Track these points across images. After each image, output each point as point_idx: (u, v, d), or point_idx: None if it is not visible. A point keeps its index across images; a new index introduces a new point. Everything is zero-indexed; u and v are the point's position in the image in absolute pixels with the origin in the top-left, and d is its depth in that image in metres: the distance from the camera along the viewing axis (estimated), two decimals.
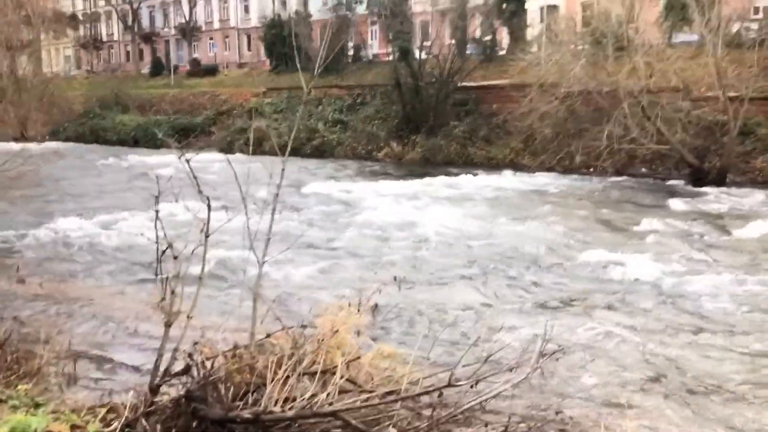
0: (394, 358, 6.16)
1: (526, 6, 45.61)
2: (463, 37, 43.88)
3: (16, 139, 36.03)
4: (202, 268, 6.26)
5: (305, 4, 63.41)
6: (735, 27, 30.66)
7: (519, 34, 45.27)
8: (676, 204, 20.18)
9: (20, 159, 15.25)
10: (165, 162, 32.42)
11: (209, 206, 6.11)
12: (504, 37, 46.75)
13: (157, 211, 6.18)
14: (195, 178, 5.93)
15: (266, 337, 6.70)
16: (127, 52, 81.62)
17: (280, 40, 54.90)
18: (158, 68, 65.11)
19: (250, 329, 6.44)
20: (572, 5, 53.28)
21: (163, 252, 6.15)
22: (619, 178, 26.68)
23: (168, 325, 6.03)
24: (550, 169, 29.58)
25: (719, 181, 24.72)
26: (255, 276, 6.48)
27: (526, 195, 22.34)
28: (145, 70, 68.26)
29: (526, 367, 5.01)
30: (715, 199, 21.10)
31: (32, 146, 28.30)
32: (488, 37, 44.98)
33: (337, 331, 6.56)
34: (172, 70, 60.14)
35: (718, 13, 24.45)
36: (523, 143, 32.21)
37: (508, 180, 25.67)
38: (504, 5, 45.10)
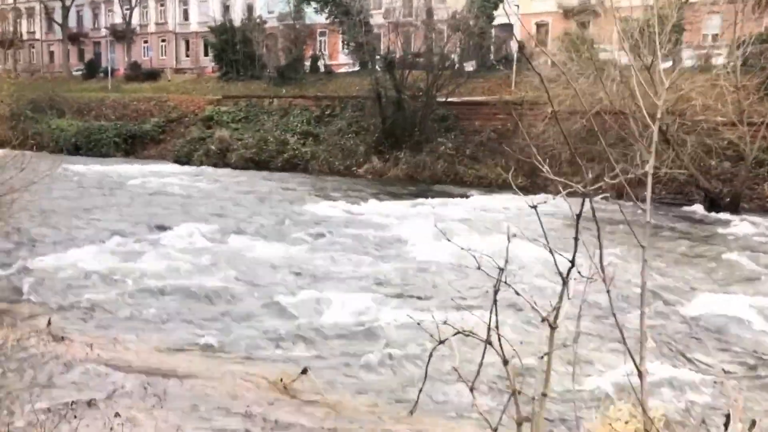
0: None
1: None
2: (430, 50, 42.35)
3: None
4: (547, 379, 4.03)
5: (250, 9, 60.57)
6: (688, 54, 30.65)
7: (487, 51, 44.38)
8: (723, 233, 19.03)
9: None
10: (130, 173, 29.20)
11: (566, 280, 3.88)
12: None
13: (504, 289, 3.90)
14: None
15: None
16: (51, 53, 75.88)
17: (231, 47, 51.84)
18: (92, 71, 60.46)
19: None
20: (527, 24, 53.23)
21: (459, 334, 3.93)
22: (627, 203, 25.52)
23: None
24: (544, 190, 28.25)
25: (733, 208, 24.01)
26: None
27: (559, 220, 20.68)
28: (76, 72, 63.31)
29: None
30: (753, 227, 20.13)
31: None
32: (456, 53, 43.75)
33: None
34: (109, 72, 55.71)
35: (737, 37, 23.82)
36: (515, 163, 30.82)
37: (521, 202, 24.00)
38: (472, 22, 43.98)
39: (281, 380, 7.48)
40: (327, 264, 13.36)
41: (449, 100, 34.05)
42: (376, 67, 41.43)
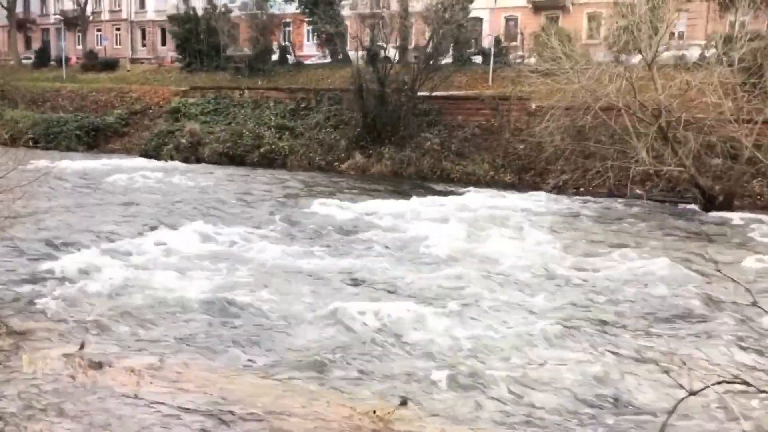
0: None
1: None
2: (405, 44, 41.44)
3: None
4: None
5: None
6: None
7: (463, 45, 43.61)
8: (735, 233, 18.71)
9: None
10: (103, 169, 27.35)
11: None
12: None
13: None
14: None
15: None
16: None
17: (194, 36, 49.85)
18: (43, 59, 57.49)
19: None
20: (496, 19, 53.02)
21: None
22: (621, 200, 25.21)
23: None
24: (534, 187, 27.83)
25: (727, 206, 23.93)
26: None
27: (570, 219, 20.12)
28: (24, 60, 60.16)
29: None
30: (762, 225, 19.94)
31: None
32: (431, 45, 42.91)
33: None
34: (64, 61, 53.00)
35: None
36: (502, 160, 30.26)
37: (520, 200, 23.36)
38: (447, 14, 43.20)
39: (374, 412, 6.43)
40: (363, 270, 12.29)
41: (434, 94, 33.17)
42: (351, 59, 40.38)
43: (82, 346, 7.89)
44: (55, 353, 7.71)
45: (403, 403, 6.52)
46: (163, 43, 65.80)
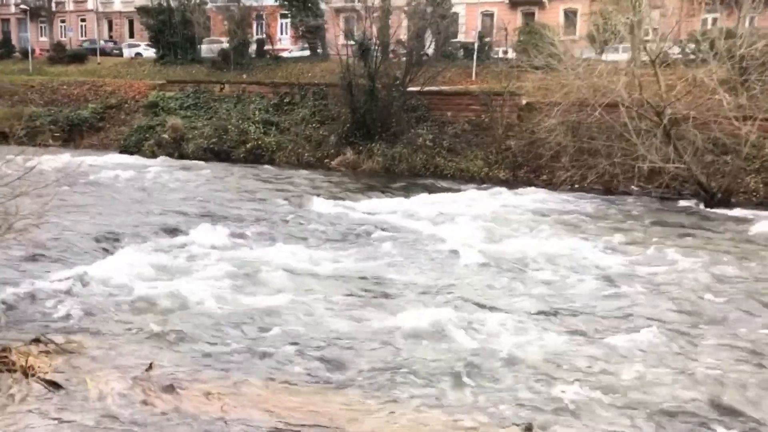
0: None
1: None
2: (387, 39, 40.86)
3: None
4: None
5: None
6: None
7: (445, 40, 43.21)
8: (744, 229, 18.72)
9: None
10: (88, 165, 26.19)
11: None
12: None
13: None
14: None
15: None
16: None
17: (169, 28, 48.47)
18: (6, 51, 55.45)
19: None
20: (472, 14, 52.85)
21: None
22: (622, 197, 25.16)
23: None
24: (529, 184, 27.68)
25: (726, 203, 24.10)
26: None
27: (577, 216, 19.85)
28: None
29: None
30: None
31: None
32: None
33: None
34: (30, 53, 51.10)
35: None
36: (495, 156, 30.01)
37: (521, 198, 23.12)
38: (428, 8, 42.78)
39: None
40: (401, 275, 11.78)
41: (424, 89, 32.72)
42: (331, 53, 39.62)
43: (150, 367, 7.22)
44: (117, 375, 7.03)
45: (528, 428, 6.05)
46: (131, 35, 64.16)
